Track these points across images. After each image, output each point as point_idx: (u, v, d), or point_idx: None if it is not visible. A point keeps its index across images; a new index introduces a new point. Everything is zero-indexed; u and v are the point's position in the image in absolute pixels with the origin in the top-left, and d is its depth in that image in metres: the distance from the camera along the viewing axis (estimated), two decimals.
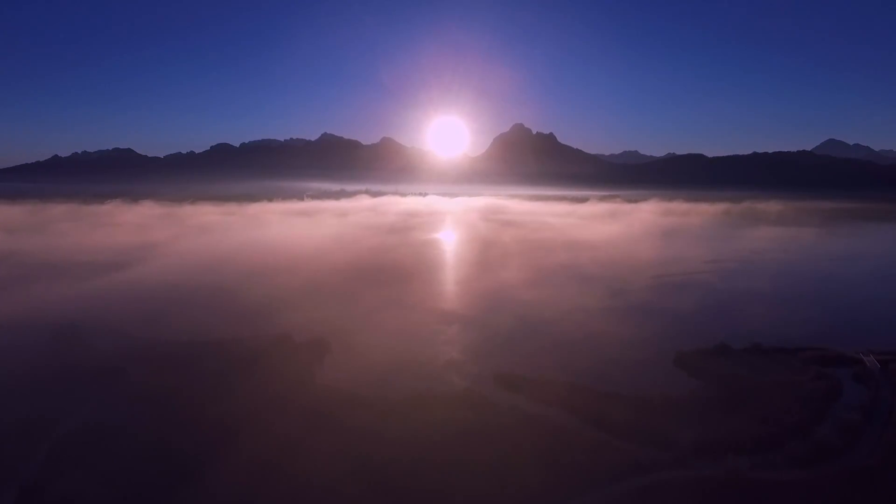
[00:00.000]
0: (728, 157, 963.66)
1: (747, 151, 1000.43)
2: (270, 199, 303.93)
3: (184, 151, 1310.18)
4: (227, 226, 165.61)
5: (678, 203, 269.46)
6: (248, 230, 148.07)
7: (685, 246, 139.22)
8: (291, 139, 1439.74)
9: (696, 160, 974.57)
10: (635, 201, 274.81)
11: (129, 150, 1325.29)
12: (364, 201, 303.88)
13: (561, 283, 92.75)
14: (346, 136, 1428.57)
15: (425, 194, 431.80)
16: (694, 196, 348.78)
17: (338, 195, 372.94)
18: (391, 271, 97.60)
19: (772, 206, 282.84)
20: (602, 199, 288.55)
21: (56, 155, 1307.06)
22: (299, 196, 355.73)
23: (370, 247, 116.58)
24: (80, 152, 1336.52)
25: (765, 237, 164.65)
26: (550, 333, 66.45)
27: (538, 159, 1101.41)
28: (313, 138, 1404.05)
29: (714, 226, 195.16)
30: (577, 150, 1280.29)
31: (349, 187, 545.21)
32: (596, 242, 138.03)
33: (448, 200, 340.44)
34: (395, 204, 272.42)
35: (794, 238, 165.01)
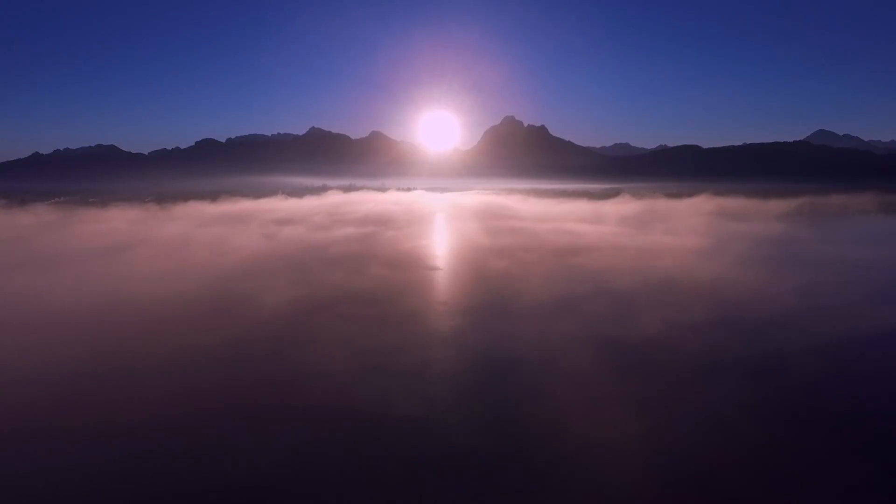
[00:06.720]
0: (723, 147, 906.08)
1: (737, 142, 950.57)
2: (215, 199, 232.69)
3: (169, 147, 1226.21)
4: (91, 243, 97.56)
5: (729, 199, 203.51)
6: (98, 259, 79.59)
7: (825, 273, 68.56)
8: (279, 134, 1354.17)
9: (689, 151, 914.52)
10: (678, 196, 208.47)
11: (113, 147, 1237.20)
12: (331, 198, 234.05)
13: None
14: (335, 130, 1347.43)
15: (411, 189, 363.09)
16: (694, 189, 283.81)
17: (311, 192, 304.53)
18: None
19: (834, 202, 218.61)
20: (635, 194, 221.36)
21: (37, 152, 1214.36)
22: (276, 192, 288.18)
23: (260, 323, 38.77)
24: (61, 149, 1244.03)
25: None
26: None
27: (530, 152, 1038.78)
28: (301, 133, 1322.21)
29: (812, 231, 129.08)
30: (568, 142, 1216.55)
31: (334, 182, 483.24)
32: (683, 275, 62.14)
33: (437, 196, 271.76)
34: (367, 203, 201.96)
35: None
